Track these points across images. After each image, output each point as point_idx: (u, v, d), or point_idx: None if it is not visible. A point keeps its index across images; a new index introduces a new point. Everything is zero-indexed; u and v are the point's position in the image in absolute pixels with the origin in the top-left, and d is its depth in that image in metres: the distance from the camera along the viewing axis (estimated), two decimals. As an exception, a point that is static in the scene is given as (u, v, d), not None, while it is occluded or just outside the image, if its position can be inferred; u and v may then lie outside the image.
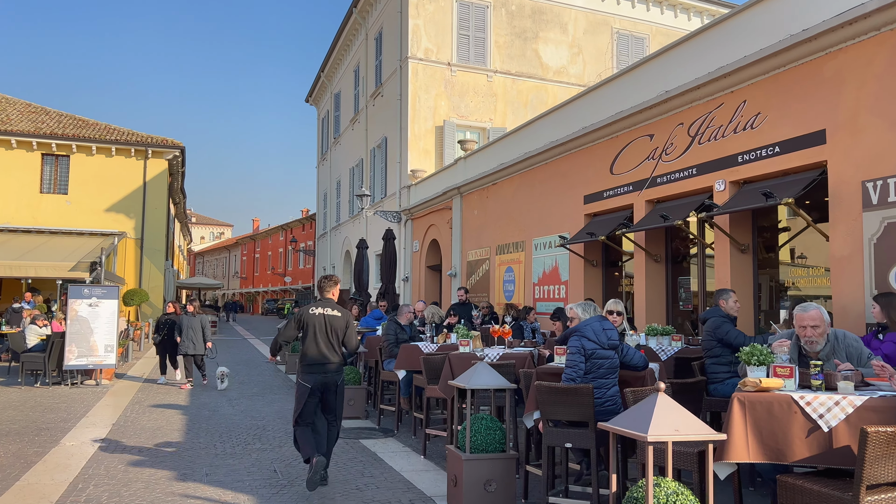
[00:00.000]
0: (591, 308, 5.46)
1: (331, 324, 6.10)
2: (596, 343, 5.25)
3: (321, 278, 6.36)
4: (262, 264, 70.52)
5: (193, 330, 12.72)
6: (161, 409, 10.55)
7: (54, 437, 8.35)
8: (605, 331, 5.30)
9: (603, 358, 5.22)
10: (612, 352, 5.28)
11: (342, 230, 30.55)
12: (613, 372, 5.25)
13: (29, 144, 25.25)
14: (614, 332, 5.35)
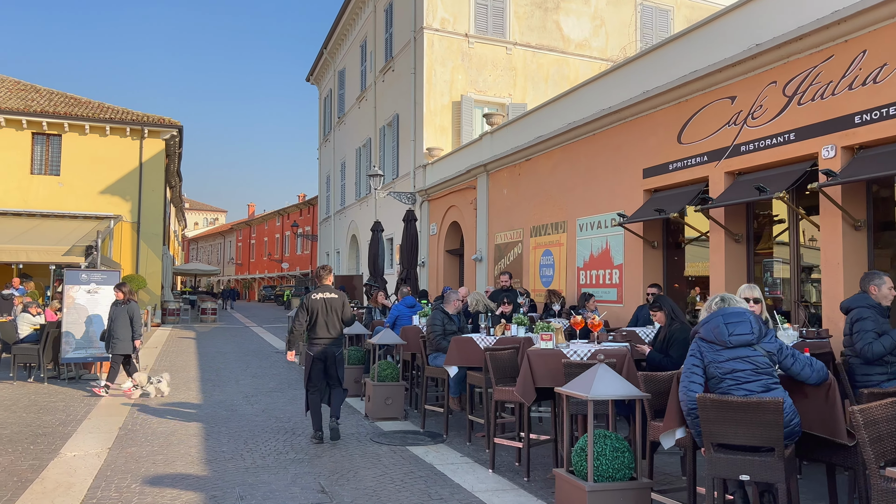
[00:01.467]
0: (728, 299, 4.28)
1: (330, 304, 7.60)
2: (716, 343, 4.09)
3: (318, 268, 8.03)
4: (259, 250, 69.15)
5: (119, 322, 10.28)
6: (172, 408, 9.35)
7: (53, 445, 7.14)
8: (728, 324, 4.12)
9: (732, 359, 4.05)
10: (748, 349, 4.07)
11: (347, 213, 29.28)
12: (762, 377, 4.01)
13: (18, 123, 23.89)
14: (744, 324, 4.15)
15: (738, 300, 4.29)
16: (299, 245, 57.91)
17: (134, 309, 10.39)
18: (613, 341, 6.35)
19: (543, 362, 5.88)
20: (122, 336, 10.22)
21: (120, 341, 10.21)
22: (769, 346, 4.06)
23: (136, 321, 10.33)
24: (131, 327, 10.29)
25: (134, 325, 10.32)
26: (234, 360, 15.33)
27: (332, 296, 7.61)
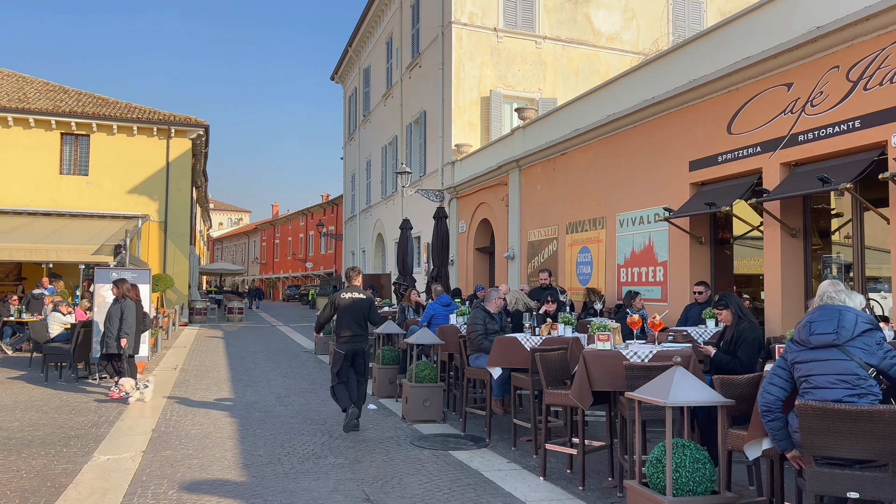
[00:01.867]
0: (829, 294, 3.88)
1: (357, 305, 7.85)
2: (800, 342, 3.72)
3: (347, 269, 8.25)
4: (283, 250, 69.38)
5: (109, 321, 9.83)
6: (204, 409, 9.13)
7: (86, 448, 6.93)
8: (813, 322, 3.74)
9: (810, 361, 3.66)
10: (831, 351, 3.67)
11: (373, 212, 29.06)
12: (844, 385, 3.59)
13: (47, 123, 24.01)
14: (828, 322, 3.75)
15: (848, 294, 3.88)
16: (323, 244, 57.95)
17: (126, 307, 9.81)
18: (674, 341, 5.97)
19: (601, 364, 5.53)
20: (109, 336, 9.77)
21: (112, 340, 9.75)
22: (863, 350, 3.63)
23: (125, 319, 9.71)
24: (119, 326, 9.71)
25: (122, 324, 9.69)
26: (263, 359, 15.14)
27: (360, 296, 7.94)
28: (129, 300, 9.94)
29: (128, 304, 9.88)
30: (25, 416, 8.43)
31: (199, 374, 12.60)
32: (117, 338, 9.69)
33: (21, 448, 6.82)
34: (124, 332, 9.70)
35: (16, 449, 6.78)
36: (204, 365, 13.95)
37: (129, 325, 9.74)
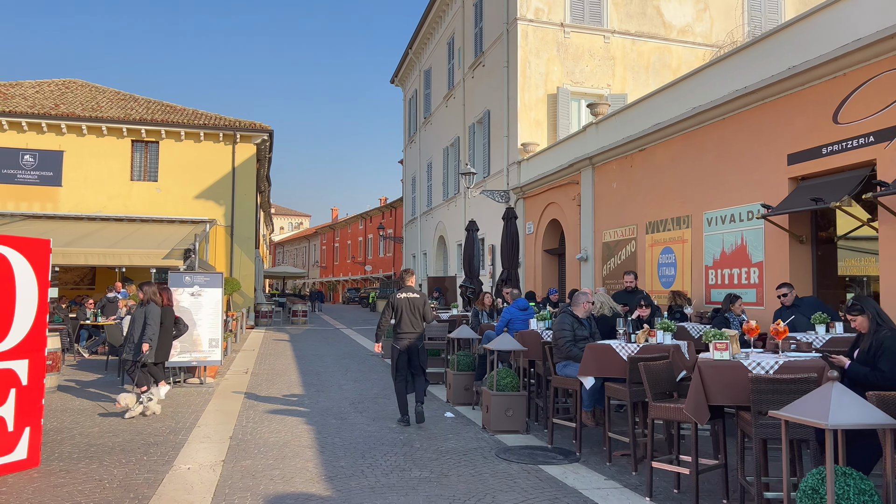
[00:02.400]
0: None
1: (413, 303, 8.52)
2: None
3: (402, 271, 8.88)
4: (342, 253, 70.09)
5: (132, 325, 9.39)
6: (279, 416, 8.93)
7: (166, 456, 6.77)
8: None
9: None
10: None
11: (434, 214, 28.80)
12: None
13: (119, 131, 24.64)
14: None
15: None
16: (382, 247, 58.20)
17: (150, 311, 9.27)
18: (797, 350, 5.38)
19: (719, 376, 5.00)
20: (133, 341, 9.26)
21: (132, 345, 9.24)
22: None
23: (148, 325, 9.18)
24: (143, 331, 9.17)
25: (145, 329, 9.15)
26: (331, 363, 14.99)
27: (414, 296, 8.57)
28: (154, 304, 9.36)
29: (151, 309, 9.31)
30: (105, 422, 8.38)
31: (271, 377, 12.50)
32: (138, 343, 9.11)
33: (102, 455, 6.71)
34: (147, 337, 9.12)
35: (97, 456, 6.67)
36: (274, 369, 13.87)
37: (153, 330, 9.17)
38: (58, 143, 24.16)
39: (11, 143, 23.60)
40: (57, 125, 23.98)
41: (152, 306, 9.35)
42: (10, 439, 5.97)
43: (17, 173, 23.92)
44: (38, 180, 24.10)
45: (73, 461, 6.47)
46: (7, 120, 23.38)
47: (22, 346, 6.11)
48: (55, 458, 6.57)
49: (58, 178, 24.20)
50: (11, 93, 25.60)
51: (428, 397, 10.49)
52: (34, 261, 6.25)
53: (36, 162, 24.06)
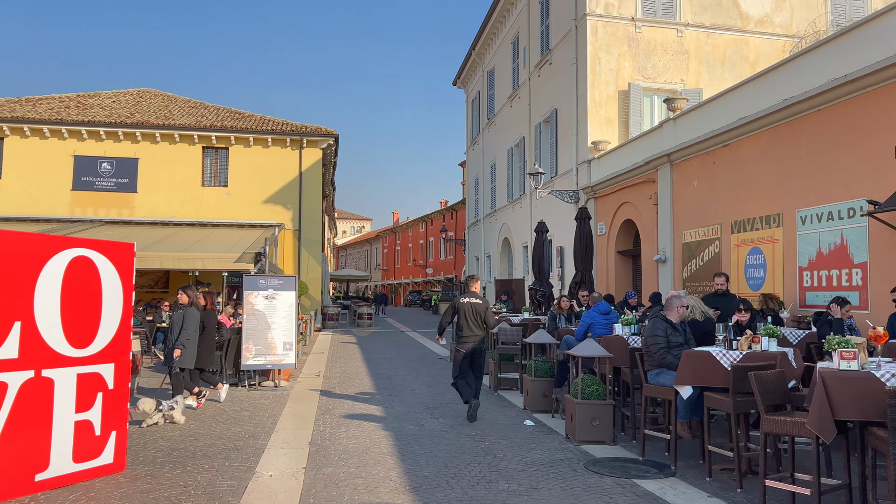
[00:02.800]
0: None
1: (475, 309, 8.84)
2: None
3: (466, 277, 9.43)
4: (403, 256, 70.48)
5: (172, 330, 9.09)
6: (356, 421, 8.77)
7: (247, 461, 6.67)
8: None
9: None
10: None
11: (498, 216, 28.45)
12: None
13: (190, 138, 25.24)
14: None
15: None
16: (443, 250, 58.19)
17: (188, 315, 8.94)
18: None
19: (847, 388, 4.52)
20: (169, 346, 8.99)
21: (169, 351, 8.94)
22: None
23: (184, 329, 8.85)
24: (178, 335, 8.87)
25: (180, 333, 8.82)
26: (401, 366, 14.84)
27: (477, 301, 8.91)
28: (193, 308, 9.04)
29: (190, 313, 8.95)
30: (184, 424, 8.39)
31: (343, 381, 12.41)
32: (171, 348, 8.85)
33: (185, 461, 6.65)
34: (180, 342, 8.77)
35: (180, 461, 6.62)
36: (345, 372, 13.80)
37: (188, 335, 8.85)
38: (133, 151, 24.93)
39: (90, 151, 24.49)
40: (132, 133, 24.75)
41: (191, 310, 9.00)
42: (97, 443, 5.96)
43: (95, 180, 24.79)
44: (114, 187, 24.92)
45: (157, 466, 6.44)
46: (87, 129, 24.24)
47: (108, 350, 6.10)
48: (139, 462, 6.55)
49: (133, 185, 24.96)
50: (90, 103, 26.58)
51: (504, 403, 10.19)
52: (119, 264, 6.24)
53: (113, 169, 24.89)
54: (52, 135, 24.05)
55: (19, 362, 5.37)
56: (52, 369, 5.62)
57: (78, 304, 5.84)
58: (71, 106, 25.85)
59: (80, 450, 5.82)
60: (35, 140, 24.04)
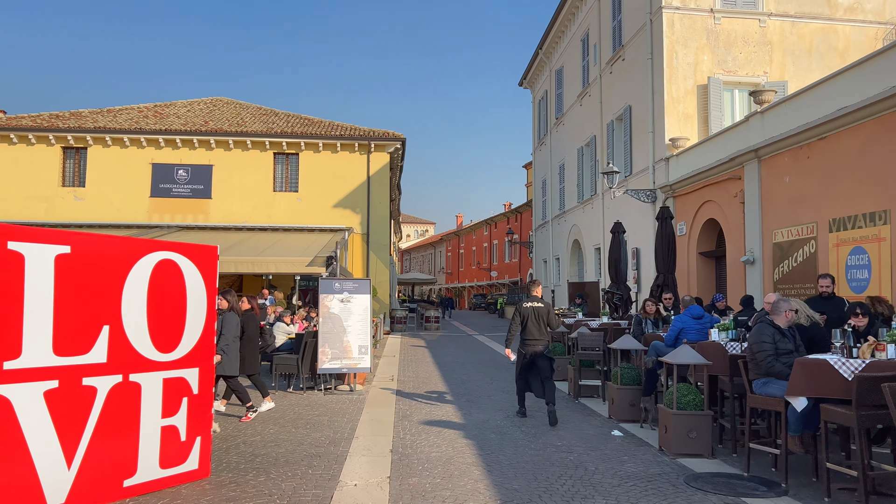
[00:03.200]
0: None
1: (538, 312, 9.07)
2: None
3: (528, 282, 10.07)
4: (467, 259, 70.27)
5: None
6: (436, 428, 8.52)
7: (329, 469, 6.49)
8: None
9: None
10: None
11: (567, 218, 27.84)
12: None
13: (262, 144, 25.69)
14: None
15: None
16: (507, 253, 57.67)
17: (226, 319, 8.56)
18: None
19: None
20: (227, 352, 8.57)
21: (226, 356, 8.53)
22: None
23: (223, 335, 8.45)
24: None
25: (218, 339, 8.26)
26: (474, 371, 14.53)
27: (539, 305, 9.12)
28: (232, 313, 8.71)
29: (228, 318, 8.61)
30: (265, 430, 8.31)
31: (417, 385, 12.20)
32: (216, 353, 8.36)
33: (268, 467, 6.53)
34: (219, 348, 8.27)
35: (263, 468, 6.49)
36: (418, 376, 13.60)
37: (226, 341, 8.46)
38: (207, 158, 25.54)
39: (167, 159, 25.21)
40: (206, 141, 25.36)
41: (230, 315, 8.67)
42: (182, 449, 5.88)
43: (172, 187, 25.50)
44: (190, 193, 25.57)
45: (240, 472, 6.33)
46: (164, 138, 24.97)
47: (193, 355, 6.03)
48: (223, 468, 6.46)
49: (208, 191, 25.55)
50: (167, 112, 27.41)
51: (587, 412, 9.76)
52: (203, 268, 6.17)
53: (189, 176, 25.54)
54: (131, 144, 24.87)
55: (108, 367, 5.32)
56: (139, 374, 5.56)
57: (163, 308, 5.78)
58: (149, 115, 26.71)
59: (167, 455, 5.75)
60: (116, 149, 24.92)
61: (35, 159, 24.42)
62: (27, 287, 4.83)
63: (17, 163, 24.35)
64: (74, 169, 25.16)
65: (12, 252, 4.76)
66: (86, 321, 5.19)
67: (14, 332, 4.74)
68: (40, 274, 4.91)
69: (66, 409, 5.04)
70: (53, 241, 5.02)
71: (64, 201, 24.56)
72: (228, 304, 8.72)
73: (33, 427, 4.83)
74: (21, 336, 4.78)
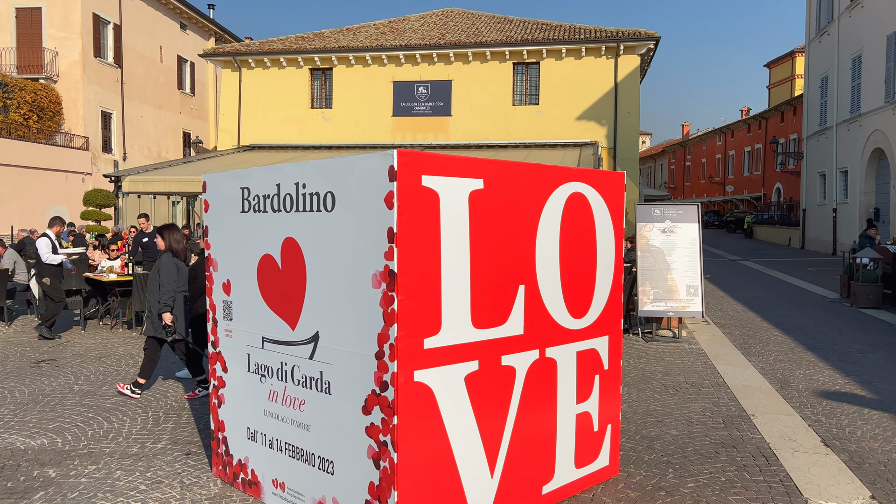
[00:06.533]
0: None
1: None
2: None
3: None
4: (694, 173, 64.58)
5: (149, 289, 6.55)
6: (843, 404, 6.46)
7: (770, 472, 4.76)
8: None
9: None
10: None
11: (865, 122, 23.01)
12: None
13: (501, 55, 24.02)
14: None
15: None
16: (747, 165, 51.65)
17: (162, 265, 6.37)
18: None
19: None
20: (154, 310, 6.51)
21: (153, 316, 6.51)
22: None
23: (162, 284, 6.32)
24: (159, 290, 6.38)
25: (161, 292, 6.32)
26: (796, 312, 12.00)
27: None
28: (169, 255, 6.45)
29: (164, 262, 6.39)
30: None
31: (747, 332, 10.07)
32: (158, 313, 6.40)
33: (681, 462, 4.97)
34: (163, 303, 6.32)
35: (673, 463, 4.94)
36: (733, 318, 11.45)
37: (169, 293, 6.31)
38: (446, 73, 24.45)
39: (407, 76, 24.50)
40: (445, 55, 24.20)
41: (165, 258, 6.42)
42: (595, 441, 4.49)
43: (413, 105, 24.88)
44: (430, 111, 24.80)
45: (647, 467, 4.85)
46: (404, 54, 24.19)
47: (603, 318, 4.53)
48: (630, 462, 5.02)
49: (447, 108, 24.59)
50: (402, 27, 26.58)
51: None
52: (611, 202, 4.56)
53: (428, 93, 24.71)
54: (373, 62, 24.43)
55: (525, 340, 3.96)
56: (554, 347, 4.16)
57: (575, 258, 4.29)
58: (386, 32, 26.06)
59: (581, 451, 4.39)
60: (359, 68, 24.66)
61: (286, 82, 24.95)
62: (443, 237, 3.50)
63: (271, 86, 25.05)
64: (321, 90, 25.39)
65: (426, 190, 3.41)
66: (502, 281, 3.82)
67: (433, 298, 3.46)
68: (455, 218, 3.56)
69: (487, 398, 3.76)
70: (466, 173, 3.62)
71: (314, 122, 24.99)
72: (165, 244, 6.50)
73: (456, 425, 3.60)
74: (440, 304, 3.49)
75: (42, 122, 26.52)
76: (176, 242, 6.51)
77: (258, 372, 4.19)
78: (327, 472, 3.73)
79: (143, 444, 5.30)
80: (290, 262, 3.91)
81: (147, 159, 31.86)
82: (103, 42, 29.37)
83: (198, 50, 33.38)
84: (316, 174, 3.72)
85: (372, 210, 3.39)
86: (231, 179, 4.33)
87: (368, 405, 3.46)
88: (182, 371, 7.48)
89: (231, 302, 4.39)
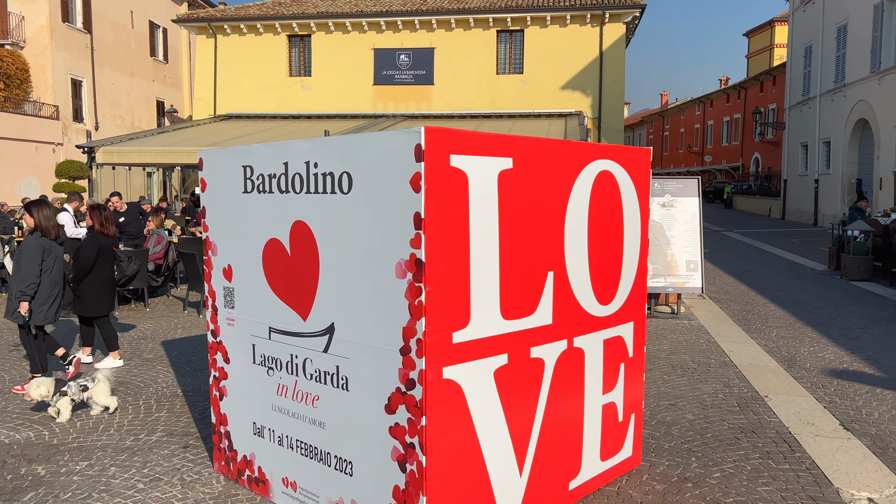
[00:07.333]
0: None
1: None
2: None
3: None
4: (672, 143, 64.63)
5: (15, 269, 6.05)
6: (855, 384, 6.37)
7: (795, 460, 4.62)
8: None
9: None
10: None
11: (850, 92, 22.99)
12: None
13: (485, 22, 23.49)
14: None
15: None
16: (725, 135, 51.74)
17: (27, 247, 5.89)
18: None
19: None
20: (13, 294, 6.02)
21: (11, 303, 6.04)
22: None
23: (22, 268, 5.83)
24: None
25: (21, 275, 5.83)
26: (789, 285, 11.96)
27: None
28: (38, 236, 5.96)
29: (28, 244, 5.91)
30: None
31: (744, 307, 9.97)
32: (18, 299, 5.87)
33: (703, 449, 4.80)
34: (20, 291, 5.81)
35: (696, 451, 4.78)
36: (727, 292, 11.36)
37: (29, 277, 5.80)
38: (429, 41, 23.87)
39: (388, 44, 23.88)
40: (428, 21, 23.59)
41: (32, 239, 5.92)
42: (619, 431, 4.29)
43: (394, 74, 24.28)
44: (412, 80, 24.24)
45: (665, 454, 4.68)
46: (385, 20, 23.53)
47: (629, 304, 4.31)
48: (651, 450, 4.84)
49: (430, 77, 24.06)
50: (384, -8, 25.84)
51: None
52: (638, 180, 4.29)
53: (410, 61, 24.14)
54: (353, 28, 23.74)
55: (554, 330, 3.71)
56: (582, 336, 3.93)
57: (602, 241, 4.03)
58: (367, -3, 25.33)
59: (607, 442, 4.19)
60: (338, 35, 23.97)
61: (263, 49, 24.16)
62: (472, 222, 3.21)
63: (248, 54, 24.26)
64: (300, 58, 24.66)
65: (455, 171, 3.11)
66: (531, 268, 3.55)
67: (462, 288, 3.19)
68: (484, 201, 3.27)
69: (516, 393, 3.52)
70: (495, 151, 3.32)
71: (292, 91, 24.29)
72: (35, 222, 5.97)
73: (486, 423, 3.36)
74: (469, 294, 3.22)
75: (9, 90, 25.46)
76: (45, 220, 5.99)
77: (265, 364, 3.91)
78: (345, 472, 3.48)
79: (136, 436, 5.01)
80: (301, 248, 3.60)
81: (120, 129, 30.88)
82: (71, 6, 28.21)
83: (170, 15, 32.19)
84: (330, 152, 3.40)
85: (396, 193, 3.09)
86: (231, 157, 3.98)
87: (392, 404, 3.20)
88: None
89: (233, 289, 4.08)
